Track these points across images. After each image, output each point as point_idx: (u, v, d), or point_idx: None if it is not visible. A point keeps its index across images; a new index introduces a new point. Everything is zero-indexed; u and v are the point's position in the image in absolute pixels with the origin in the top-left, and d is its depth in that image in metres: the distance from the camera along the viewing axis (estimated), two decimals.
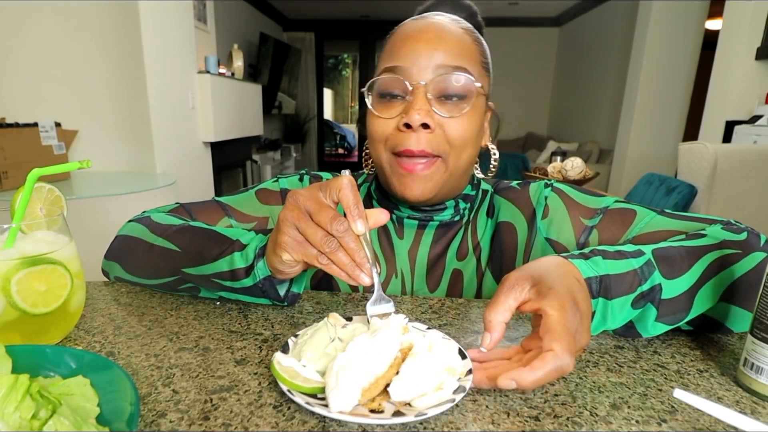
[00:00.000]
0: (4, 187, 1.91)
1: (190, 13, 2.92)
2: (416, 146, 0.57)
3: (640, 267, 0.45)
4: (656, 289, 0.45)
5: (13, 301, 0.42)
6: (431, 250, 0.68)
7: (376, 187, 0.70)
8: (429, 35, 0.58)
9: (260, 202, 0.70)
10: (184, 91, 2.89)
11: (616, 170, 4.61)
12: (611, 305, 0.44)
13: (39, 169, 0.46)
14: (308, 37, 7.18)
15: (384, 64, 0.60)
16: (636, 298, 0.45)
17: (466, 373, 0.40)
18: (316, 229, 0.43)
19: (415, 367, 0.37)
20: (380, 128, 0.59)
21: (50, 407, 0.30)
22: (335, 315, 0.45)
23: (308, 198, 0.45)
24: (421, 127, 0.56)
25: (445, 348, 0.40)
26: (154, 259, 0.58)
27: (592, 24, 5.68)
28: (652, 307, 0.46)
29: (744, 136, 2.95)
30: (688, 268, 0.47)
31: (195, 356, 0.46)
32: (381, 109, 0.59)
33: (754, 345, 0.41)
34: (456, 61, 0.57)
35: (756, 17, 2.99)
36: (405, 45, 0.58)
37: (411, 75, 0.57)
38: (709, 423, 0.37)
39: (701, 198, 2.33)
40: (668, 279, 0.46)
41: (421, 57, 0.57)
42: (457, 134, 0.58)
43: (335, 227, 0.43)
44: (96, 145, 2.46)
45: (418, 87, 0.56)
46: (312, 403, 0.36)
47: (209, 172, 3.35)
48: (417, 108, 0.56)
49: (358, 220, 0.43)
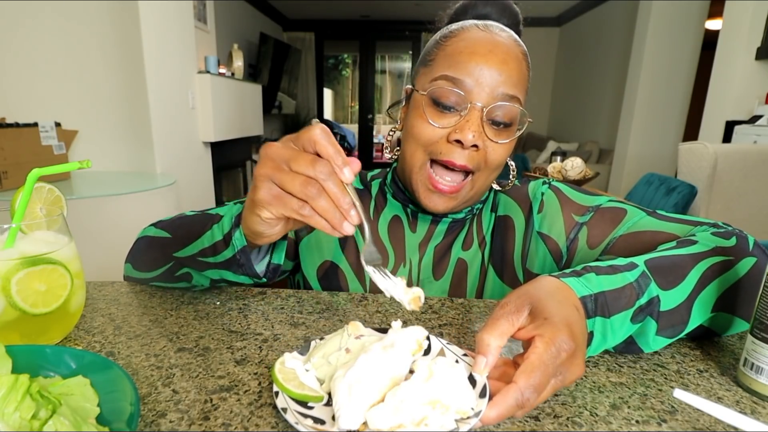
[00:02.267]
0: (4, 187, 1.91)
1: (190, 13, 2.92)
2: (459, 160, 0.58)
3: (636, 280, 0.44)
4: (654, 302, 0.44)
5: (13, 301, 0.42)
6: (441, 242, 0.70)
7: (391, 180, 0.71)
8: (496, 57, 0.58)
9: None
10: (184, 91, 2.89)
11: (616, 170, 4.61)
12: (610, 323, 0.42)
13: (39, 169, 0.46)
14: (308, 37, 7.18)
15: (444, 70, 0.59)
16: (635, 312, 0.43)
17: (469, 414, 0.34)
18: (293, 176, 0.40)
19: (398, 396, 0.34)
20: (428, 134, 0.60)
21: (50, 407, 0.30)
22: (356, 324, 0.43)
23: (282, 148, 0.41)
24: (472, 147, 0.58)
25: (446, 379, 0.35)
26: (152, 250, 0.60)
27: (592, 24, 5.68)
28: (651, 320, 0.45)
29: (744, 136, 2.95)
30: (683, 278, 0.46)
31: (195, 356, 0.46)
32: (433, 115, 0.59)
33: (754, 345, 0.41)
34: (513, 91, 0.59)
35: (756, 17, 2.99)
36: (471, 59, 0.58)
37: (471, 93, 0.58)
38: (709, 423, 0.37)
39: (701, 198, 2.33)
40: (665, 290, 0.45)
41: (485, 78, 0.57)
42: (496, 157, 0.60)
43: (318, 170, 0.39)
44: (96, 145, 2.46)
45: (476, 108, 0.58)
46: (289, 410, 0.35)
47: (209, 172, 3.35)
48: (472, 129, 0.57)
49: (345, 167, 0.40)
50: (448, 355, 0.42)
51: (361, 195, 0.74)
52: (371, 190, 0.74)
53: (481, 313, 0.57)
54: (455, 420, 0.33)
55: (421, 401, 0.34)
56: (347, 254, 0.71)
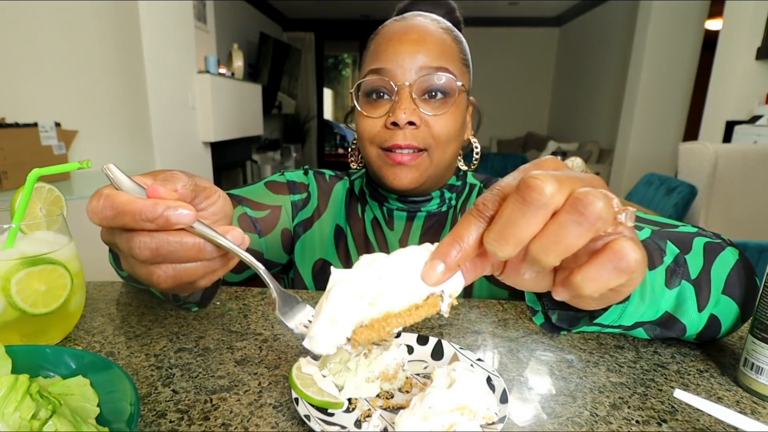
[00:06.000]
0: (4, 187, 1.91)
1: (190, 13, 2.92)
2: (403, 140, 0.60)
3: (650, 238, 0.41)
4: (682, 263, 0.39)
5: (13, 301, 0.42)
6: (421, 241, 0.68)
7: (366, 182, 0.73)
8: (411, 37, 0.61)
9: (271, 192, 0.72)
10: (184, 91, 2.89)
11: (616, 170, 4.61)
12: (648, 277, 0.37)
13: (39, 169, 0.46)
14: (308, 37, 7.17)
15: (369, 65, 0.63)
16: (668, 273, 0.39)
17: (494, 419, 0.33)
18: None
19: (426, 402, 0.33)
20: (368, 127, 0.63)
21: (50, 407, 0.30)
22: None
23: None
24: (408, 125, 0.60)
25: (468, 384, 0.34)
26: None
27: (592, 24, 5.68)
28: (688, 285, 0.39)
29: (744, 136, 2.95)
30: (691, 247, 0.43)
31: (195, 356, 0.46)
32: (368, 108, 0.63)
33: (754, 345, 0.41)
34: (437, 62, 0.60)
35: (756, 17, 2.99)
36: (389, 47, 0.61)
37: (396, 76, 0.60)
38: (709, 423, 0.37)
39: (701, 198, 2.33)
40: (685, 254, 0.41)
41: (405, 59, 0.60)
42: (441, 130, 0.61)
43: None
44: (96, 145, 2.46)
45: (403, 87, 0.60)
46: (313, 419, 0.34)
47: (209, 172, 3.35)
48: (403, 107, 0.59)
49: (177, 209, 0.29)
50: (462, 360, 0.42)
51: (347, 196, 0.75)
52: (354, 190, 0.75)
53: (481, 313, 0.57)
54: (480, 426, 0.33)
55: (449, 408, 0.33)
56: (339, 252, 0.72)
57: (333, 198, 0.75)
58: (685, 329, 0.43)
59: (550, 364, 0.46)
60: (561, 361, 0.46)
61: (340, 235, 0.73)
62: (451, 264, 0.25)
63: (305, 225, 0.73)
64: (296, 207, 0.73)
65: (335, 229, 0.73)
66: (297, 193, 0.73)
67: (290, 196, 0.73)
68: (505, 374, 0.44)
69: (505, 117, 6.80)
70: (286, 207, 0.72)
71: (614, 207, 0.23)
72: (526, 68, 6.73)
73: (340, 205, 0.75)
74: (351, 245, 0.72)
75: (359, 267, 0.28)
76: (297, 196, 0.73)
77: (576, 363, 0.46)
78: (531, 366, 0.46)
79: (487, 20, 6.36)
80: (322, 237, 0.73)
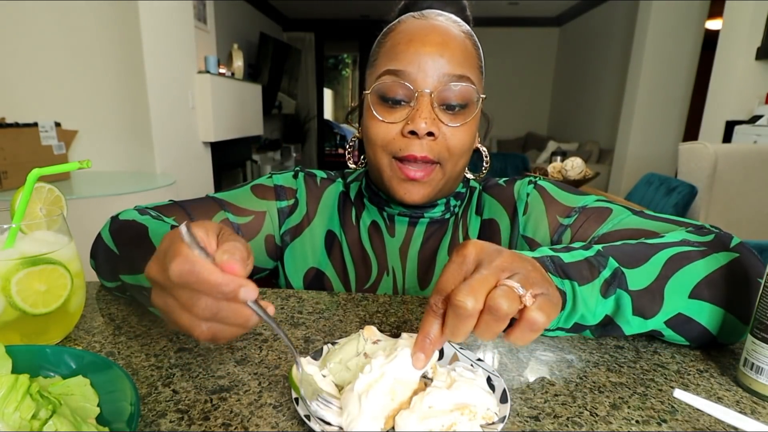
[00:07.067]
0: (4, 187, 1.91)
1: (190, 13, 2.92)
2: (419, 152, 0.57)
3: (593, 256, 0.43)
4: (619, 275, 0.43)
5: (13, 301, 0.42)
6: (423, 248, 0.68)
7: (366, 185, 0.70)
8: (434, 40, 0.57)
9: (257, 197, 0.69)
10: (184, 91, 2.89)
11: (616, 170, 4.61)
12: (581, 291, 0.41)
13: (39, 169, 0.46)
14: (308, 37, 7.17)
15: (386, 65, 0.59)
16: (603, 285, 0.42)
17: (494, 419, 0.34)
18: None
19: (425, 402, 0.34)
20: (382, 133, 0.59)
21: (50, 407, 0.30)
22: (371, 328, 0.42)
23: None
24: (427, 135, 0.57)
25: (468, 384, 0.35)
26: (103, 260, 0.55)
27: (592, 24, 5.68)
28: (624, 294, 0.43)
29: (744, 136, 2.95)
30: (646, 260, 0.45)
31: (195, 356, 0.46)
32: (383, 112, 0.59)
33: (754, 345, 0.41)
34: (460, 70, 0.57)
35: (756, 17, 2.99)
36: (409, 48, 0.57)
37: (416, 81, 0.57)
38: (709, 423, 0.37)
39: (701, 198, 2.33)
40: (628, 269, 0.43)
41: (427, 62, 0.56)
42: (457, 143, 0.59)
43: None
44: (96, 145, 2.46)
45: (423, 95, 0.56)
46: (313, 419, 0.34)
47: (209, 172, 3.35)
48: (424, 116, 0.56)
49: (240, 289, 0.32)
50: (462, 360, 0.42)
51: (341, 200, 0.73)
52: (350, 193, 0.72)
53: None
54: (480, 426, 0.33)
55: (449, 407, 0.34)
56: (333, 260, 0.70)
57: (324, 203, 0.72)
58: (623, 331, 0.46)
59: (550, 364, 0.46)
60: (561, 361, 0.46)
61: (333, 241, 0.70)
62: (428, 352, 0.35)
63: (294, 232, 0.70)
64: (283, 214, 0.70)
65: (327, 236, 0.71)
66: (284, 199, 0.70)
67: (276, 203, 0.70)
68: (505, 374, 0.44)
69: (505, 117, 6.80)
70: (271, 213, 0.69)
71: (518, 297, 0.32)
72: (526, 68, 6.73)
73: (332, 210, 0.72)
74: (346, 254, 0.69)
75: (373, 372, 0.35)
76: (284, 203, 0.70)
77: (576, 363, 0.46)
78: (531, 366, 0.46)
79: (487, 20, 6.35)
80: (313, 245, 0.70)
